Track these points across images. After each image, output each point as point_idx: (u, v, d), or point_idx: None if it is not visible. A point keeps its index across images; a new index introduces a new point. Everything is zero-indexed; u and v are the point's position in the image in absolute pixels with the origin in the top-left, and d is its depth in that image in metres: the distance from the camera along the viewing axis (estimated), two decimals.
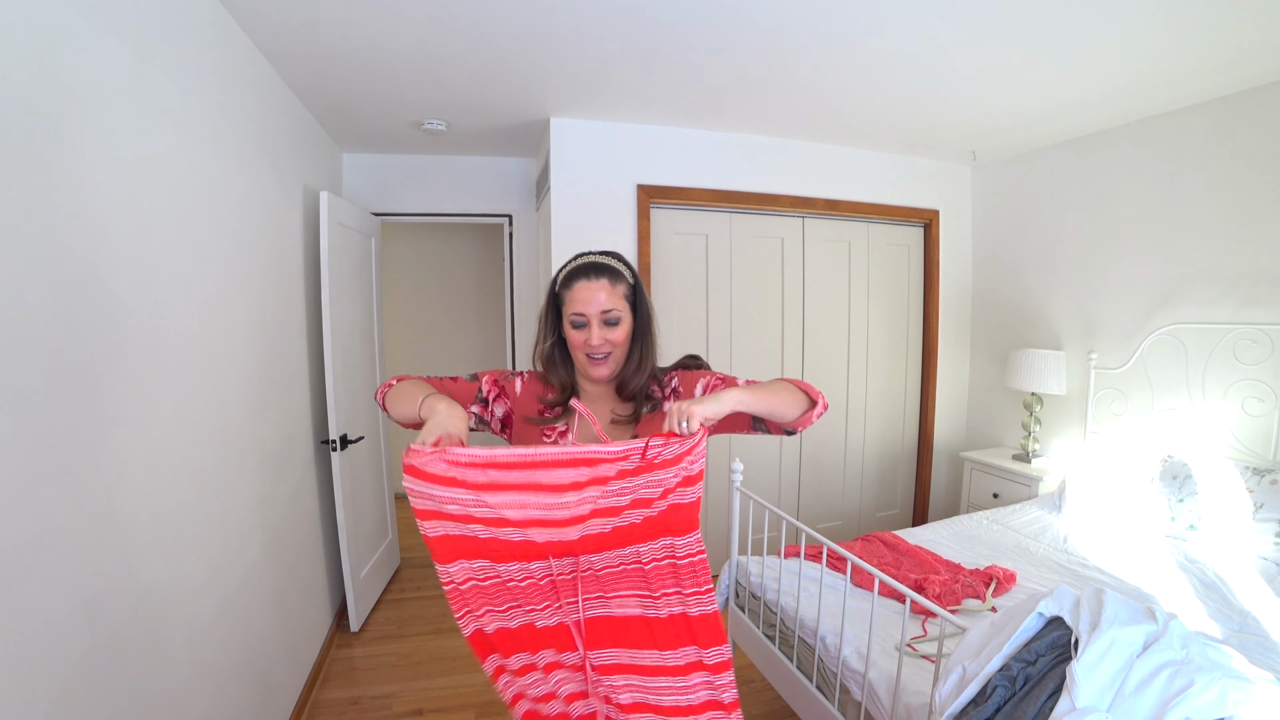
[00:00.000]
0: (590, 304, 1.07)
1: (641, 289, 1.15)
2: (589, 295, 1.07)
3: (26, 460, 0.98)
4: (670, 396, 1.15)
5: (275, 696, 2.01)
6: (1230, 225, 2.46)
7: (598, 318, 1.07)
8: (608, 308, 1.07)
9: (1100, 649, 1.03)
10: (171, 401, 1.45)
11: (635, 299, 1.13)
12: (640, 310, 1.13)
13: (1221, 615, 1.78)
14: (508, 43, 2.05)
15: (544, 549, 0.93)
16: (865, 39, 2.03)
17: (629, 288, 1.12)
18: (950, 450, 3.80)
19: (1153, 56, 2.13)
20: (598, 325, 1.07)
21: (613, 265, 1.11)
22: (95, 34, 1.19)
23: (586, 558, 0.95)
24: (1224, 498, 2.21)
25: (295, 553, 2.29)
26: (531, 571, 0.96)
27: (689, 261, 3.16)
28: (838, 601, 1.74)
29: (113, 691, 1.17)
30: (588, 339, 1.08)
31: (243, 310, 1.89)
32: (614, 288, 1.09)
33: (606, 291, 1.07)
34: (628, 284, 1.12)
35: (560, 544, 0.93)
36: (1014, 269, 3.46)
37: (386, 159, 3.39)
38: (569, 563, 0.95)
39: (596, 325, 1.07)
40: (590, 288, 1.07)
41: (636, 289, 1.13)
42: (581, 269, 1.09)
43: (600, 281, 1.08)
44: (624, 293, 1.10)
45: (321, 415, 2.66)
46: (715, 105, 2.70)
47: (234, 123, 1.85)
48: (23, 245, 0.99)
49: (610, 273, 1.09)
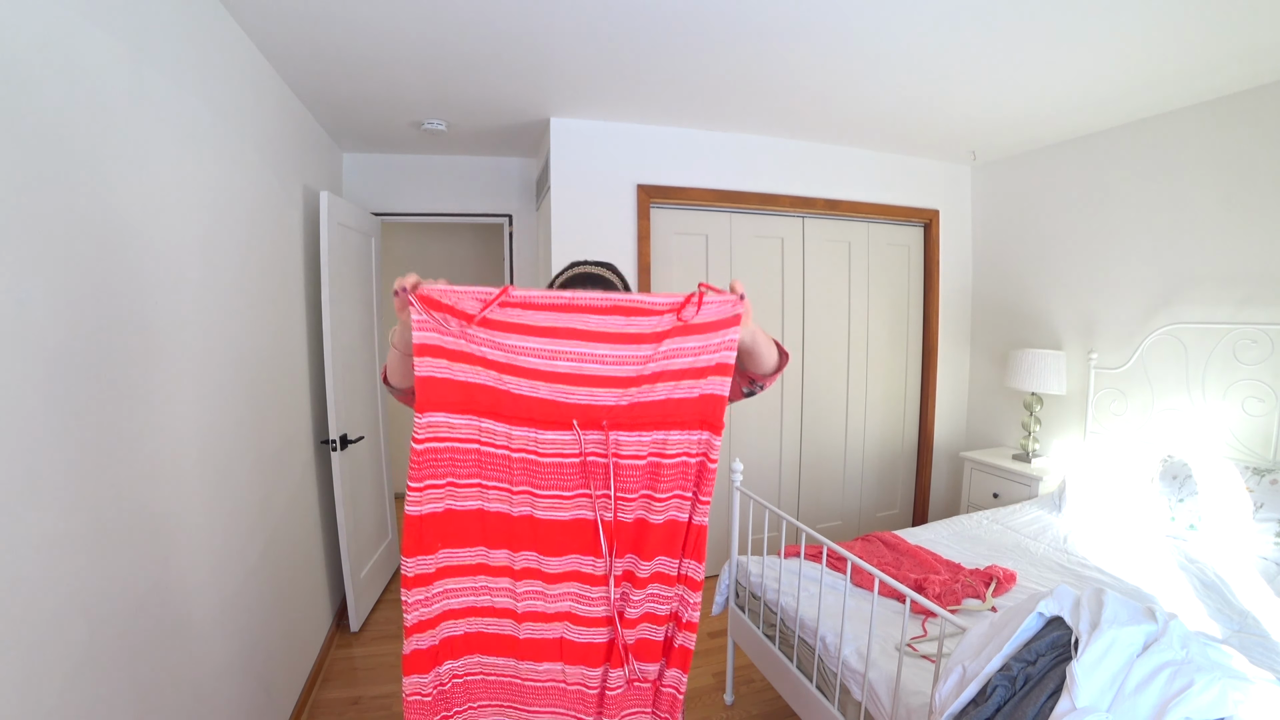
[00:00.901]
0: None
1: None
2: None
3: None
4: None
5: (275, 696, 2.01)
6: (1230, 225, 2.46)
7: None
8: None
9: (1100, 649, 1.03)
10: (177, 402, 1.45)
11: None
12: None
13: (1221, 615, 1.78)
14: (508, 43, 2.05)
15: (567, 410, 0.84)
16: (865, 39, 2.03)
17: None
18: (950, 450, 3.80)
19: (1153, 56, 2.13)
20: None
21: (606, 277, 1.11)
22: (95, 33, 1.19)
23: (615, 435, 0.86)
24: (1224, 498, 2.21)
25: (295, 553, 2.29)
26: (550, 445, 0.86)
27: (689, 261, 3.16)
28: (838, 601, 1.74)
29: (114, 692, 1.17)
30: None
31: (243, 310, 1.88)
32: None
33: None
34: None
35: (590, 408, 0.84)
36: (1014, 269, 3.46)
37: (386, 159, 3.39)
38: (595, 437, 0.85)
39: None
40: None
41: None
42: (577, 279, 1.09)
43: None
44: None
45: (321, 415, 2.66)
46: (715, 105, 2.70)
47: (234, 123, 1.85)
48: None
49: (604, 284, 1.10)
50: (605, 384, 0.86)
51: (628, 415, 0.87)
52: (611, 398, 0.86)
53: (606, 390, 0.86)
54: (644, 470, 0.89)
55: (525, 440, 0.88)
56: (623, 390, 0.86)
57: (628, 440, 0.88)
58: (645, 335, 0.85)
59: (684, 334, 0.85)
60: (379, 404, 3.28)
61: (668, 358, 0.86)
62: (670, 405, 0.87)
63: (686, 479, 0.90)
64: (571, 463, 0.88)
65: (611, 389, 0.86)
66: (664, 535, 0.91)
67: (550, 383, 0.84)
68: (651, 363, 0.86)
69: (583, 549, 0.91)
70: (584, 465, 0.88)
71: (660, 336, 0.85)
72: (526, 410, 0.86)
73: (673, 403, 0.87)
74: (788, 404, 3.41)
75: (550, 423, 0.86)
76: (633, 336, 0.85)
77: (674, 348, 0.86)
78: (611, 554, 0.90)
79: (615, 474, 0.88)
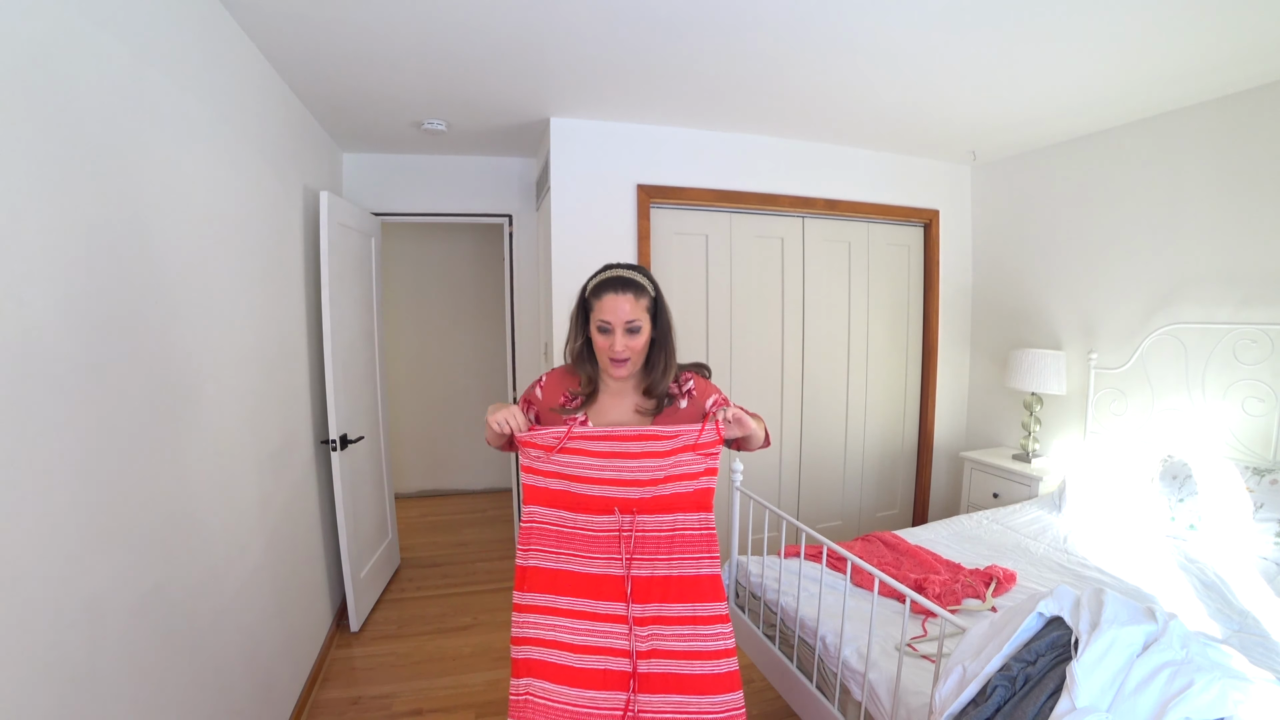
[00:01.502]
0: (616, 314, 1.23)
1: (663, 300, 1.31)
2: (615, 306, 1.23)
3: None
4: (685, 396, 1.34)
5: (275, 696, 2.01)
6: (1230, 225, 2.46)
7: (621, 326, 1.23)
8: (631, 318, 1.24)
9: (1100, 649, 1.03)
10: (187, 404, 1.45)
11: (656, 310, 1.29)
12: (660, 320, 1.30)
13: (1221, 615, 1.78)
14: (508, 42, 2.05)
15: (611, 503, 1.22)
16: (866, 39, 2.03)
17: (651, 300, 1.28)
18: (950, 450, 3.80)
19: (1153, 56, 2.13)
20: (621, 333, 1.24)
21: (638, 280, 1.27)
22: (94, 33, 1.19)
23: (641, 518, 1.23)
24: (1224, 498, 2.21)
25: (295, 553, 2.29)
26: (600, 525, 1.23)
27: (689, 261, 3.16)
28: (838, 601, 1.74)
29: (114, 692, 1.17)
30: (611, 344, 1.24)
31: (243, 310, 1.89)
32: (638, 300, 1.25)
33: (630, 303, 1.24)
34: (650, 297, 1.28)
35: (626, 500, 1.22)
36: (1014, 269, 3.46)
37: (386, 159, 3.39)
38: (628, 520, 1.22)
39: (620, 333, 1.24)
40: (617, 300, 1.23)
41: (658, 300, 1.29)
42: (610, 282, 1.25)
43: (626, 295, 1.24)
44: (646, 305, 1.26)
45: (321, 415, 2.66)
46: (715, 105, 2.70)
47: (234, 123, 1.85)
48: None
49: (635, 287, 1.25)
50: (635, 486, 1.23)
51: (650, 505, 1.23)
52: (638, 493, 1.23)
53: (636, 489, 1.23)
54: (664, 539, 1.24)
55: (585, 521, 1.25)
56: (644, 489, 1.23)
57: (649, 520, 1.24)
58: (662, 453, 1.23)
59: (687, 450, 1.24)
60: (379, 404, 3.28)
61: (676, 467, 1.23)
62: (677, 497, 1.24)
63: (695, 545, 1.25)
64: (611, 535, 1.24)
65: (639, 488, 1.23)
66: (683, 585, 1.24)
67: (600, 485, 1.23)
68: (663, 470, 1.23)
69: (616, 597, 1.23)
70: (619, 537, 1.24)
71: (671, 454, 1.23)
72: (585, 504, 1.24)
73: (679, 495, 1.24)
74: (788, 404, 3.41)
75: (599, 510, 1.24)
76: (653, 454, 1.23)
77: (681, 459, 1.23)
78: (629, 600, 1.22)
79: (638, 543, 1.24)
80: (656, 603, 1.22)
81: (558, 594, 1.23)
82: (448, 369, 4.90)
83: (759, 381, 3.33)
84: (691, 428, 1.22)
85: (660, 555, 1.23)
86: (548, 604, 1.24)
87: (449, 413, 4.90)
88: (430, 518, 4.39)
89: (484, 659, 2.57)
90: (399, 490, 4.70)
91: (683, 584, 1.23)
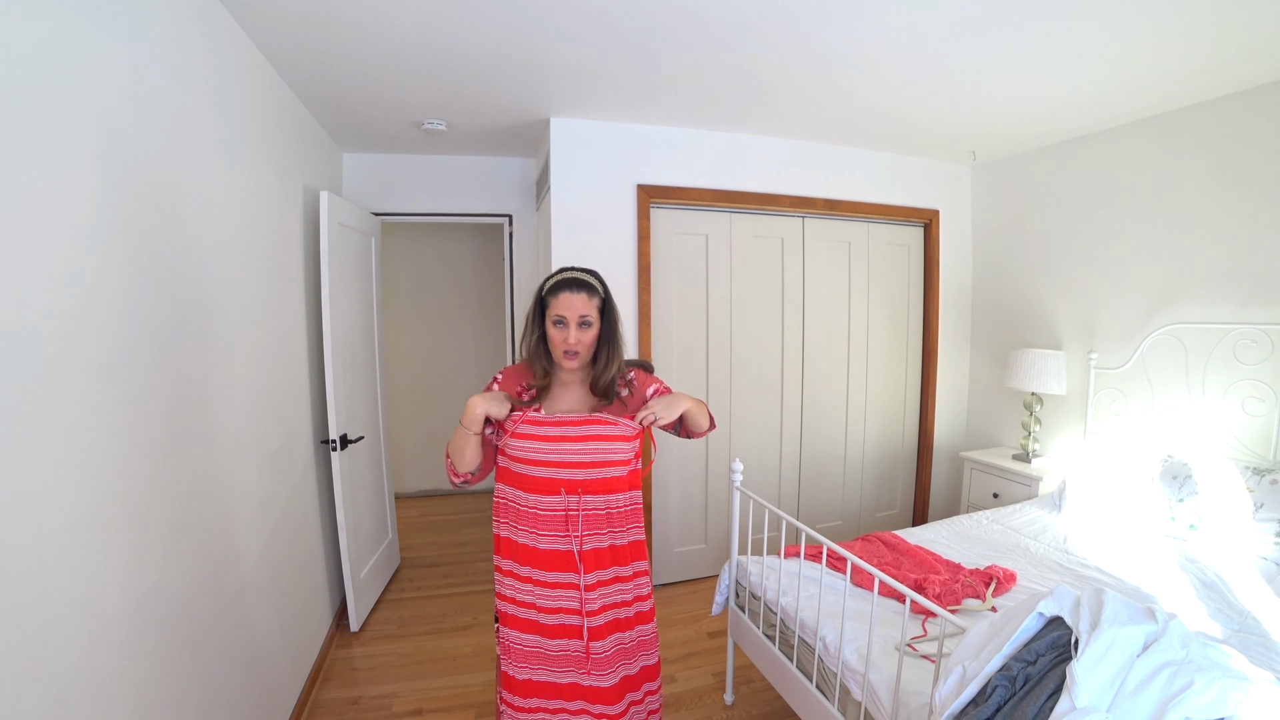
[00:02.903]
0: (570, 309, 1.38)
1: (611, 301, 1.46)
2: (570, 302, 1.38)
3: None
4: (627, 386, 1.50)
5: (275, 696, 2.01)
6: (1230, 225, 2.46)
7: (575, 321, 1.38)
8: (584, 313, 1.38)
9: (1100, 649, 1.03)
10: (191, 405, 1.45)
11: (605, 309, 1.43)
12: (608, 318, 1.44)
13: (1221, 615, 1.78)
14: (508, 43, 2.05)
15: (558, 484, 1.38)
16: (866, 39, 2.03)
17: (601, 300, 1.43)
18: (950, 450, 3.80)
19: (1153, 56, 2.13)
20: (574, 327, 1.38)
21: (590, 281, 1.42)
22: (94, 33, 1.18)
23: (584, 499, 1.39)
24: (1224, 497, 2.21)
25: (295, 552, 2.29)
26: (549, 505, 1.38)
27: (689, 261, 3.16)
28: (838, 601, 1.74)
29: (113, 692, 1.17)
30: (565, 337, 1.38)
31: (243, 310, 1.89)
32: (590, 299, 1.39)
33: (584, 301, 1.38)
34: (600, 297, 1.42)
35: (572, 482, 1.38)
36: (1014, 269, 3.46)
37: (386, 159, 3.39)
38: (574, 500, 1.38)
39: (574, 327, 1.38)
40: (571, 297, 1.38)
41: (606, 300, 1.44)
42: (566, 282, 1.40)
43: (580, 294, 1.38)
44: (597, 304, 1.41)
45: (321, 415, 2.66)
46: (715, 105, 2.70)
47: (234, 122, 1.85)
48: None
49: (588, 287, 1.41)
50: (579, 468, 1.38)
51: (593, 486, 1.40)
52: (583, 474, 1.39)
53: (581, 471, 1.38)
54: (602, 517, 1.42)
55: (534, 501, 1.40)
56: (588, 470, 1.39)
57: (592, 500, 1.40)
58: (604, 437, 1.39)
59: (623, 440, 1.40)
60: (379, 404, 3.28)
61: (615, 453, 1.40)
62: (616, 480, 1.42)
63: (627, 519, 1.46)
64: (559, 514, 1.39)
65: (583, 470, 1.38)
66: (616, 552, 1.46)
67: (548, 468, 1.38)
68: (605, 455, 1.39)
69: (567, 568, 1.41)
70: (565, 516, 1.39)
71: (612, 439, 1.39)
72: (535, 485, 1.39)
73: (617, 478, 1.42)
74: (788, 404, 3.41)
75: (548, 490, 1.39)
76: (596, 436, 1.38)
77: (619, 446, 1.40)
78: (580, 570, 1.40)
79: (584, 521, 1.40)
80: (598, 570, 1.42)
81: (519, 563, 1.42)
82: (448, 369, 4.89)
83: (759, 381, 3.33)
84: (630, 423, 1.40)
85: (601, 529, 1.42)
86: (512, 569, 1.43)
87: (449, 413, 4.89)
88: (430, 518, 4.39)
89: (484, 659, 2.57)
90: (399, 490, 4.70)
91: (615, 551, 1.44)
